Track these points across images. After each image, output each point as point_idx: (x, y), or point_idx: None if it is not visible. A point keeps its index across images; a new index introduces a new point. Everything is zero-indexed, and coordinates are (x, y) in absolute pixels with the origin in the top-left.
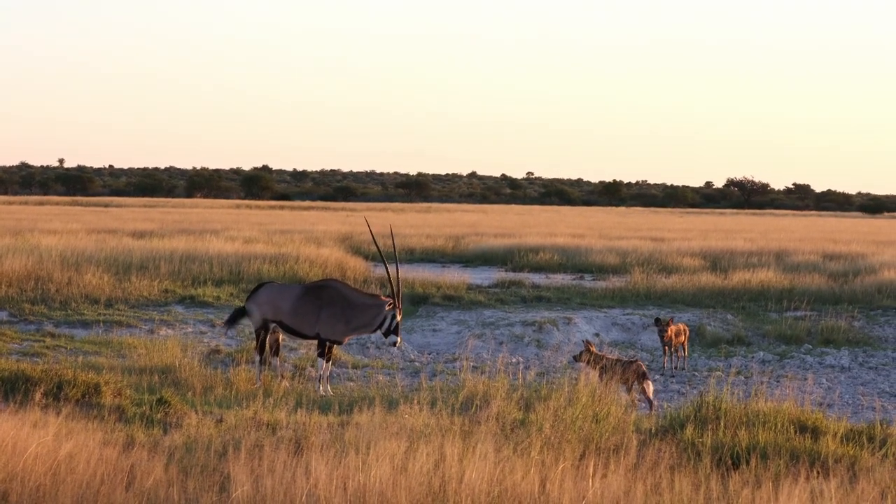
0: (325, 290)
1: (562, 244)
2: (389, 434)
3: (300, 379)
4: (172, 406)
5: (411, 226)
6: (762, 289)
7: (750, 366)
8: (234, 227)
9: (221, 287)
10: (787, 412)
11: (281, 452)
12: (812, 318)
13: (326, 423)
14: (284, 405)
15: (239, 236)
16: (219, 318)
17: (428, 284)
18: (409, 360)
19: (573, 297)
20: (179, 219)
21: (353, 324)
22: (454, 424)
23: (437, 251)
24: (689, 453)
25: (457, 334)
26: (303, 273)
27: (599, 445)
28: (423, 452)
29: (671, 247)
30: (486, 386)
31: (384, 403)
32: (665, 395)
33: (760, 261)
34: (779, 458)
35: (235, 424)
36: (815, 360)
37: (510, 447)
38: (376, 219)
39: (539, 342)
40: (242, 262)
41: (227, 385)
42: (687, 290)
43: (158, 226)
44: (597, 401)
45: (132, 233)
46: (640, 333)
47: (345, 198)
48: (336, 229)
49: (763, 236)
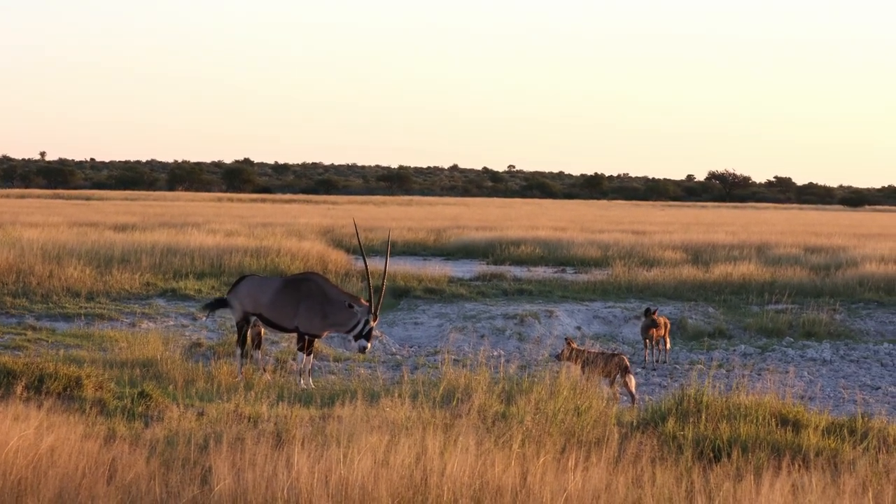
0: (305, 284)
1: (543, 237)
2: (371, 427)
3: (281, 372)
4: (154, 399)
5: (393, 219)
6: (743, 282)
7: (731, 359)
8: (215, 220)
9: (203, 280)
10: (768, 405)
11: (262, 446)
12: (793, 311)
13: (308, 417)
14: (266, 398)
15: (220, 229)
16: (200, 311)
17: (409, 277)
18: (390, 353)
19: (555, 290)
20: (161, 212)
21: (329, 319)
22: (436, 417)
23: (419, 244)
24: (671, 446)
25: (438, 327)
26: (284, 266)
27: (581, 438)
28: (404, 445)
29: (653, 240)
30: (468, 379)
31: (366, 396)
32: (646, 388)
33: (742, 254)
34: (760, 452)
35: (217, 418)
36: (796, 354)
37: (491, 440)
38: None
39: (520, 335)
40: (224, 256)
41: (208, 378)
42: (668, 283)
43: (140, 219)
44: (578, 394)
45: (114, 226)
46: (622, 326)
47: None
48: (318, 222)
49: (744, 229)
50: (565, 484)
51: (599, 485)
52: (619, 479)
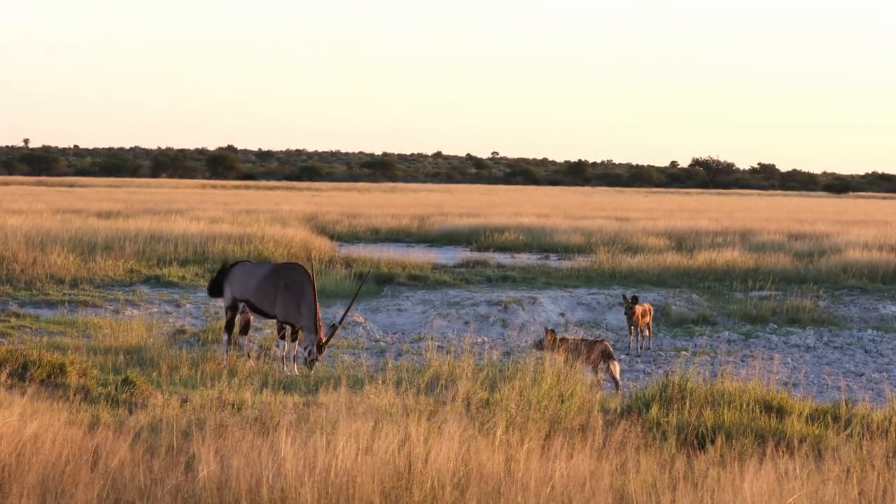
0: (288, 273)
1: (527, 224)
2: (355, 414)
3: (265, 359)
4: (138, 386)
5: (376, 205)
6: (727, 269)
7: (715, 345)
8: (199, 207)
9: (186, 267)
10: (752, 392)
11: (246, 432)
12: (777, 297)
13: (292, 403)
14: (250, 385)
15: (204, 216)
16: (184, 297)
17: (393, 264)
18: (374, 340)
19: (538, 276)
20: (144, 199)
21: (302, 311)
22: (420, 404)
23: (403, 231)
24: (655, 433)
25: (422, 314)
26: (268, 253)
27: (565, 425)
28: (388, 432)
29: (636, 226)
30: (452, 366)
31: (350, 383)
32: (630, 374)
33: (725, 240)
34: (744, 438)
35: (201, 404)
36: (780, 340)
37: (475, 427)
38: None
39: (504, 322)
40: (207, 242)
41: (192, 365)
42: (652, 269)
43: (124, 206)
44: (562, 381)
45: (97, 213)
46: (606, 313)
47: (310, 178)
48: (301, 209)
49: (728, 216)
50: (550, 471)
51: (584, 471)
52: (604, 465)
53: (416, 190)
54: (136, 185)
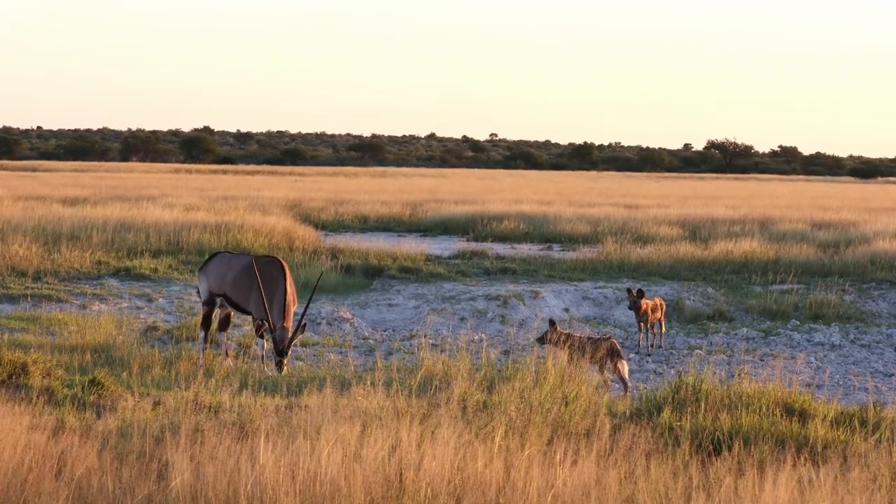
0: (265, 267)
1: (528, 212)
2: (341, 418)
3: (245, 358)
4: (106, 387)
5: (365, 191)
6: (745, 260)
7: (732, 343)
8: (172, 193)
9: (159, 258)
10: (772, 394)
11: (224, 437)
12: (800, 291)
13: (273, 406)
14: (228, 386)
15: (178, 203)
16: (156, 291)
17: (383, 255)
18: (362, 337)
19: (540, 268)
20: (113, 184)
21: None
22: (412, 407)
23: (393, 219)
24: (667, 438)
25: (414, 309)
26: (247, 243)
27: (569, 430)
28: (378, 438)
29: (647, 214)
30: (447, 365)
31: (336, 384)
32: (640, 375)
33: (743, 229)
34: (764, 444)
35: (175, 407)
36: (802, 338)
37: (472, 432)
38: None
39: (503, 318)
40: (182, 232)
41: (165, 364)
42: (664, 261)
43: (91, 192)
44: (566, 381)
45: (62, 199)
46: (614, 308)
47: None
48: (283, 195)
49: (746, 203)
50: (552, 479)
51: (589, 480)
52: (611, 473)
53: (407, 175)
54: (104, 170)
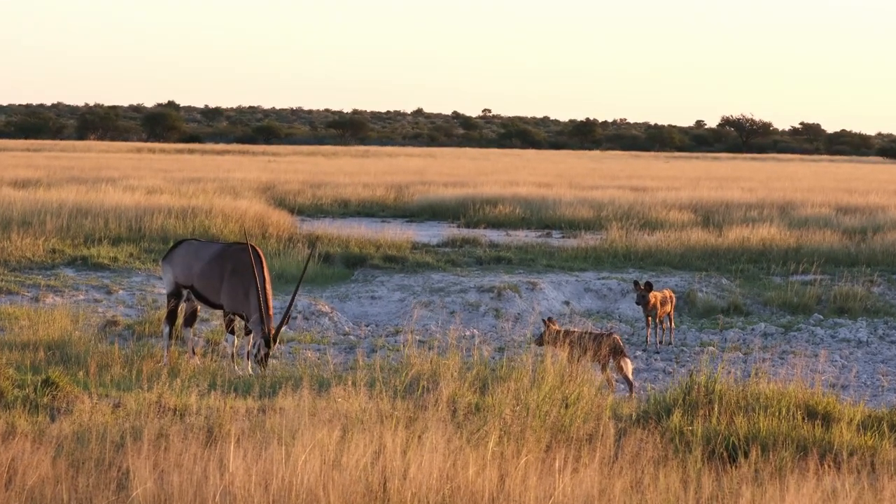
0: (238, 255)
1: (525, 195)
2: (319, 421)
3: (213, 356)
4: (61, 388)
5: (345, 173)
6: (763, 248)
7: (749, 340)
8: (134, 174)
9: (119, 246)
10: (793, 395)
11: (190, 443)
12: (823, 282)
13: (244, 409)
14: (195, 387)
15: (140, 186)
16: (116, 283)
17: (365, 243)
18: (342, 333)
19: (538, 257)
20: (69, 165)
21: (252, 302)
22: (397, 410)
23: (377, 203)
24: (677, 444)
25: (400, 302)
26: (216, 230)
27: (569, 435)
28: (359, 443)
29: (655, 198)
30: (435, 364)
31: (313, 385)
32: (648, 374)
33: (761, 215)
34: (784, 451)
35: (136, 410)
36: (826, 333)
37: (463, 437)
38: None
39: (498, 312)
40: (144, 217)
41: (126, 363)
42: (674, 249)
43: (44, 173)
44: (566, 382)
45: (12, 182)
46: (619, 301)
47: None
48: (256, 177)
49: (764, 185)
50: (551, 488)
51: (592, 489)
52: (616, 483)
53: (392, 154)
54: (58, 149)
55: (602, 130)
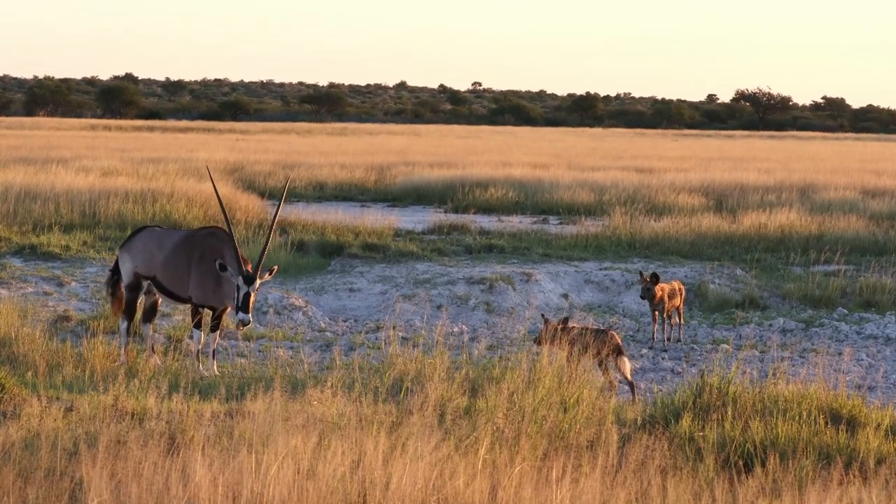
0: (205, 241)
1: (519, 177)
2: (293, 427)
3: (176, 354)
4: (7, 390)
5: (321, 153)
6: (782, 235)
7: (766, 336)
8: (88, 154)
9: (72, 233)
10: (815, 398)
11: (150, 451)
12: (848, 273)
13: (210, 413)
14: (155, 389)
15: (95, 167)
16: (68, 274)
17: (343, 230)
18: (318, 329)
19: (534, 246)
20: (16, 144)
21: (223, 288)
22: (378, 414)
23: (355, 186)
24: (687, 452)
25: (381, 295)
26: (178, 215)
27: (568, 441)
28: (337, 451)
29: (662, 180)
30: (420, 363)
31: (286, 386)
32: (655, 374)
33: (780, 199)
34: (804, 459)
35: (91, 414)
36: (851, 329)
37: (452, 444)
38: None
39: (489, 306)
40: (99, 201)
41: (79, 362)
42: (683, 237)
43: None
44: (565, 383)
45: None
46: (622, 294)
47: (234, 116)
48: (223, 158)
49: (783, 166)
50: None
51: (593, 501)
52: (619, 494)
53: (372, 132)
54: (4, 126)
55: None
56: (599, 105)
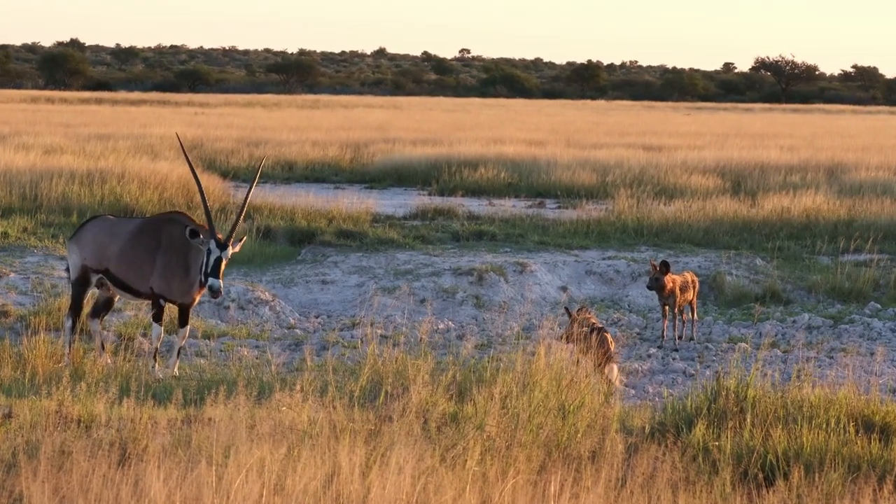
0: (168, 228)
1: (512, 155)
2: (259, 436)
3: (127, 354)
4: None
5: (290, 128)
6: (807, 221)
7: (790, 334)
8: (28, 130)
9: (10, 219)
10: (844, 403)
11: (99, 462)
12: (881, 263)
13: (166, 420)
14: (104, 392)
15: (36, 144)
16: (6, 264)
17: (315, 215)
18: (287, 326)
19: (528, 232)
20: None
21: (190, 277)
22: (354, 422)
23: (329, 166)
24: (701, 463)
25: (357, 288)
26: (130, 198)
27: (568, 452)
28: (308, 463)
29: (673, 159)
30: (402, 364)
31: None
32: (665, 376)
33: (805, 180)
34: (832, 471)
35: (31, 421)
36: (885, 327)
37: (437, 454)
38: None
39: (478, 299)
40: (41, 182)
41: (18, 363)
42: (696, 222)
43: None
44: (564, 387)
45: None
46: (628, 286)
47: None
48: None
49: (808, 144)
50: None
51: None
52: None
53: (348, 105)
54: None
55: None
56: (602, 75)
